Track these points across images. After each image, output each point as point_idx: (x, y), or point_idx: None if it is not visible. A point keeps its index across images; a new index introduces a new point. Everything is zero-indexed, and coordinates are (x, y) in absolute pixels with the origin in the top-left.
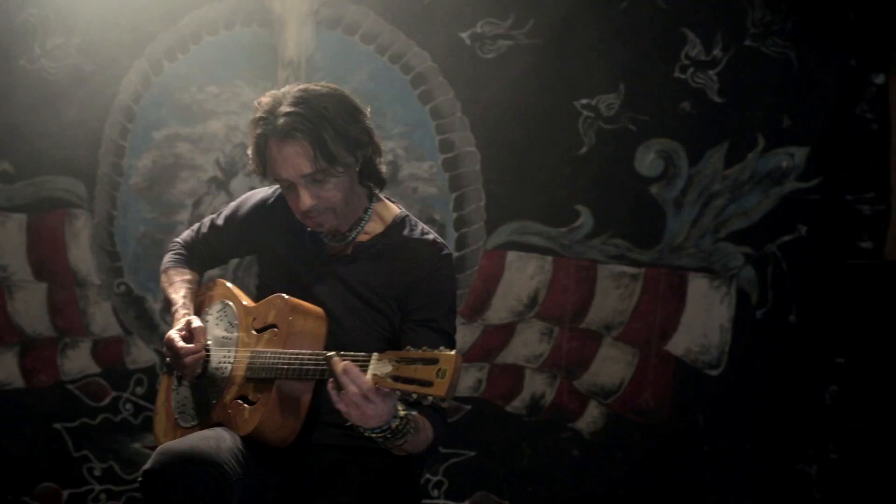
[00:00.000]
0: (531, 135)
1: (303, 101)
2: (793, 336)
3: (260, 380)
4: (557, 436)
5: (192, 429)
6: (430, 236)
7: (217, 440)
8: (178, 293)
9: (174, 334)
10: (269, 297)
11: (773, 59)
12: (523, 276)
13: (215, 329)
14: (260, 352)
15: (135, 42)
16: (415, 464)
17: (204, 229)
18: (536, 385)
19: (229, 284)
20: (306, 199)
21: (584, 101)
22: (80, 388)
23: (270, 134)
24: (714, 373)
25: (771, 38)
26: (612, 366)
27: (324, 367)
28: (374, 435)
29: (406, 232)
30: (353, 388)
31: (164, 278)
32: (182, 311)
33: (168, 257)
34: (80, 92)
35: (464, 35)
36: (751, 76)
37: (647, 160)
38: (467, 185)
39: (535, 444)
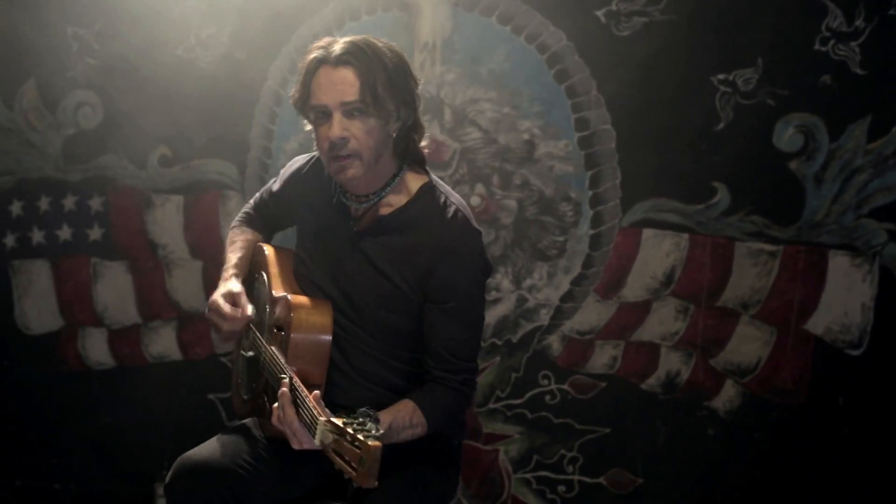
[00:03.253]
0: (667, 112)
1: (364, 41)
2: None
3: (274, 384)
4: (693, 414)
5: (247, 402)
6: (452, 209)
7: (236, 443)
8: (234, 254)
9: (219, 298)
10: (279, 295)
11: None
12: (659, 253)
13: (258, 301)
14: (273, 354)
15: (283, 29)
16: (450, 433)
17: (265, 194)
18: (672, 363)
19: (267, 252)
20: (336, 129)
21: (721, 76)
22: (232, 361)
23: (323, 60)
24: (855, 353)
25: None
26: (748, 344)
27: (304, 410)
28: None
29: (429, 205)
30: (279, 416)
31: (228, 237)
32: (230, 272)
33: (237, 217)
34: (232, 78)
35: (599, 13)
36: (895, 47)
37: (785, 135)
38: (603, 162)
39: (670, 423)
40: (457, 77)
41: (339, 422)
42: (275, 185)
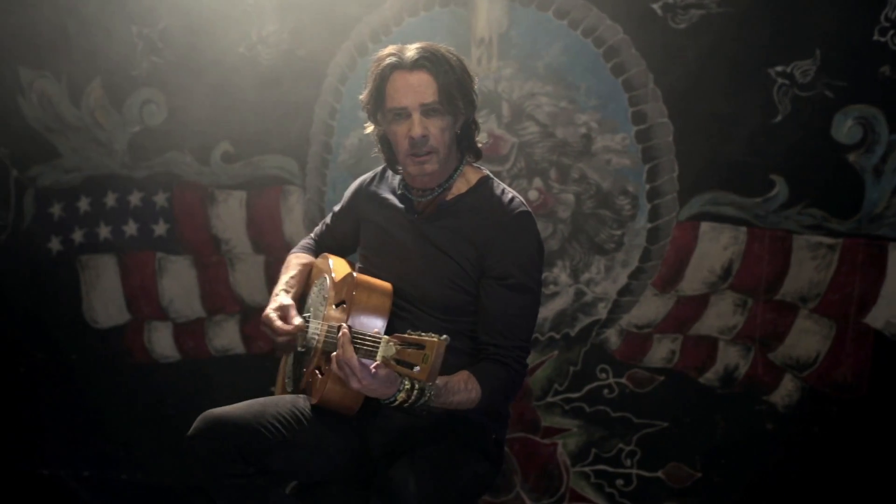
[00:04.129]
0: (724, 104)
1: (431, 47)
2: None
3: (331, 352)
4: (751, 408)
5: (292, 393)
6: (509, 195)
7: (263, 406)
8: (286, 274)
9: (271, 313)
10: (346, 273)
11: None
12: (717, 246)
13: (316, 302)
14: (332, 325)
15: (342, 26)
16: (488, 427)
17: (328, 220)
18: (730, 357)
19: (331, 259)
20: (418, 128)
21: (779, 68)
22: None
23: (397, 65)
24: None
25: None
26: (808, 338)
27: (364, 343)
28: (386, 403)
29: (487, 192)
30: (338, 356)
31: (284, 262)
32: (279, 288)
33: (296, 247)
34: (292, 75)
35: (655, 6)
36: None
37: (844, 127)
38: (660, 156)
39: (729, 417)
40: (514, 72)
41: (402, 335)
42: (336, 207)
